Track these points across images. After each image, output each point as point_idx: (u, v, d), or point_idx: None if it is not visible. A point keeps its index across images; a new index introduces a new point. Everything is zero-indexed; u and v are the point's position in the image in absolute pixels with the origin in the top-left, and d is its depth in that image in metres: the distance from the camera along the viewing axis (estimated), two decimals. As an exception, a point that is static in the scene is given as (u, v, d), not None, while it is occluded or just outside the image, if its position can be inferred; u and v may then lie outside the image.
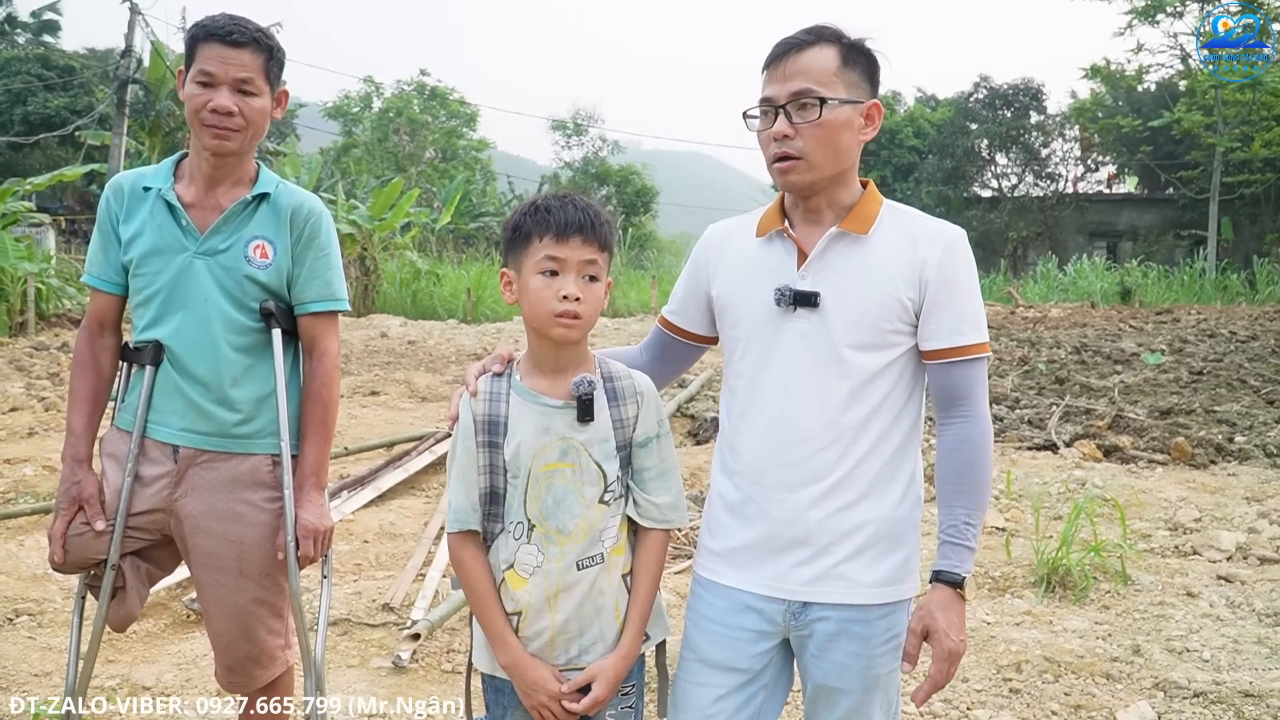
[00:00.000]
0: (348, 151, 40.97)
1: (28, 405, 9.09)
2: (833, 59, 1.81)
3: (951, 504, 1.83)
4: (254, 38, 2.24)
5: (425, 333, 17.74)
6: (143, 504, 2.31)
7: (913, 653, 1.81)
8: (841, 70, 1.81)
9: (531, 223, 1.82)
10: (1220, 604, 4.32)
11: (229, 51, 2.21)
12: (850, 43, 1.83)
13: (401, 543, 5.36)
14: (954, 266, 1.83)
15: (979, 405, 1.84)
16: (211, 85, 2.21)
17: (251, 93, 2.25)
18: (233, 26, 2.22)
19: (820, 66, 1.80)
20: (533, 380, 1.88)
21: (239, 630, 2.37)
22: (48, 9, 36.56)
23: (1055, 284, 26.18)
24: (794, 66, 1.81)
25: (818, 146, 1.80)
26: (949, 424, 1.86)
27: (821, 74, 1.80)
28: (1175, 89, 29.80)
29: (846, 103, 1.80)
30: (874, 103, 1.86)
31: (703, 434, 8.02)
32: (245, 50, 2.22)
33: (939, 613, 1.78)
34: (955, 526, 1.82)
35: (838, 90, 1.80)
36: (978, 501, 1.83)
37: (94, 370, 2.37)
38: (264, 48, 2.26)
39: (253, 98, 2.25)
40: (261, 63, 2.25)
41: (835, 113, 1.79)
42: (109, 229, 2.34)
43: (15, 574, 4.67)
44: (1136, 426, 7.93)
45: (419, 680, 3.67)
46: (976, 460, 1.83)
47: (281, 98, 2.35)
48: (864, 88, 1.84)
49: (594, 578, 1.85)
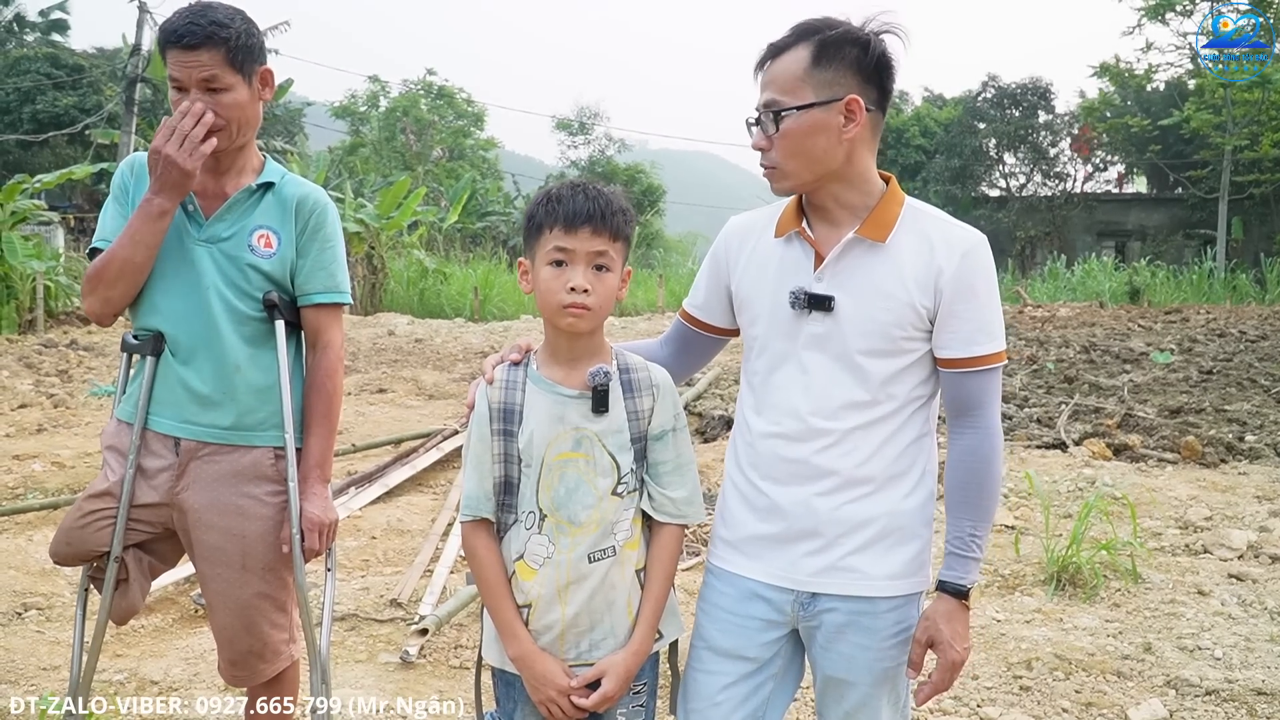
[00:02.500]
0: (355, 150, 41.02)
1: (36, 402, 9.13)
2: (802, 61, 1.75)
3: (958, 515, 1.84)
4: (207, 35, 2.15)
5: (432, 331, 17.75)
6: (145, 497, 2.29)
7: (917, 661, 1.84)
8: (811, 71, 1.74)
9: (543, 213, 1.82)
10: (1232, 602, 4.29)
11: (186, 55, 2.16)
12: (827, 38, 1.75)
13: (409, 539, 5.36)
14: (971, 275, 1.80)
15: (990, 417, 1.84)
16: (183, 89, 2.19)
17: (220, 89, 2.19)
18: (185, 29, 2.15)
19: (787, 74, 1.76)
20: (549, 370, 1.88)
21: (242, 624, 2.36)
22: (56, 8, 36.65)
23: (1063, 283, 26.08)
24: (768, 74, 1.79)
25: (787, 156, 1.78)
26: (959, 434, 1.86)
27: (787, 81, 1.76)
28: (1184, 88, 29.69)
29: (809, 107, 1.74)
30: (851, 98, 1.74)
31: (711, 432, 8.00)
32: (201, 50, 2.16)
33: (943, 623, 1.80)
34: (960, 538, 1.83)
35: (803, 95, 1.74)
36: (983, 513, 1.84)
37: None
38: (221, 40, 2.17)
39: (223, 93, 2.19)
40: (221, 57, 2.18)
41: (795, 122, 1.75)
42: (123, 196, 2.29)
43: (24, 569, 4.69)
44: (1146, 425, 7.89)
45: (426, 675, 3.66)
46: (984, 472, 1.83)
47: (265, 76, 2.29)
48: (844, 83, 1.75)
49: (605, 571, 1.83)
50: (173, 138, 2.14)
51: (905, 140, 34.08)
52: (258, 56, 2.27)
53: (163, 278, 2.27)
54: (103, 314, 2.27)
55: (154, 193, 2.18)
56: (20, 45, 35.91)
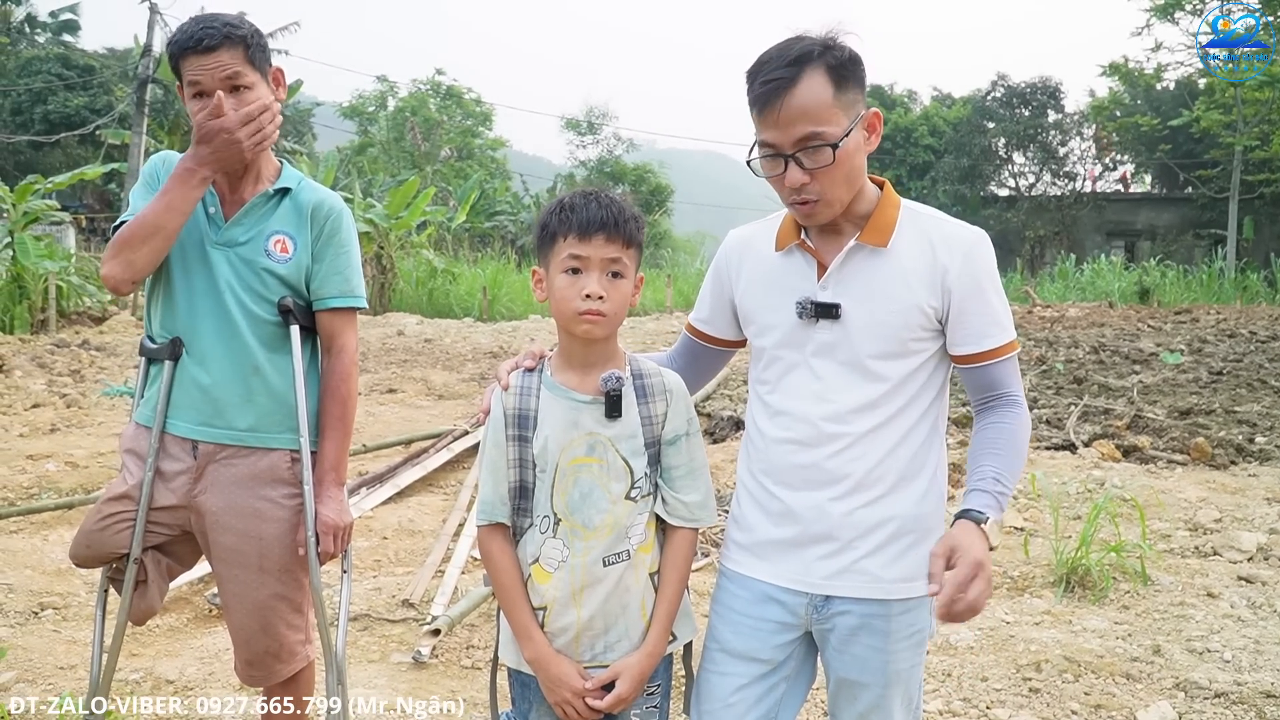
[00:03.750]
0: (363, 150, 41.13)
1: (50, 402, 9.18)
2: (826, 88, 1.72)
3: (980, 462, 1.80)
4: (225, 35, 2.20)
5: (441, 331, 17.80)
6: (164, 499, 2.33)
7: (936, 573, 1.65)
8: (837, 97, 1.73)
9: (556, 221, 1.84)
10: (1241, 604, 4.29)
11: (206, 58, 2.19)
12: (837, 60, 1.73)
13: (420, 539, 5.39)
14: (976, 272, 1.83)
15: (1015, 394, 1.88)
16: (205, 94, 2.21)
17: (243, 86, 2.23)
18: (201, 33, 2.19)
19: (817, 103, 1.71)
20: (563, 375, 1.90)
21: (259, 625, 2.39)
22: (67, 9, 36.83)
23: (1073, 283, 26.04)
24: (790, 109, 1.72)
25: (834, 185, 1.77)
26: (988, 410, 1.88)
27: (820, 111, 1.71)
28: (1194, 87, 29.60)
29: (850, 132, 1.74)
30: (873, 112, 1.79)
31: (720, 432, 8.01)
32: (220, 51, 2.19)
33: (961, 535, 1.67)
34: (982, 479, 1.76)
35: (840, 121, 1.73)
36: (1009, 464, 1.79)
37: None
38: (238, 39, 2.21)
39: (247, 91, 2.23)
40: (241, 55, 2.22)
41: (845, 150, 1.74)
42: (154, 183, 2.30)
43: (40, 569, 4.73)
44: (1155, 426, 7.88)
45: (438, 675, 3.69)
46: (1014, 433, 1.82)
47: (278, 76, 2.33)
48: (860, 98, 1.77)
49: (620, 574, 1.86)
50: (249, 124, 2.19)
51: (914, 140, 34.05)
52: (269, 56, 2.31)
53: (181, 281, 2.30)
54: (122, 279, 2.22)
55: (199, 163, 2.19)
56: (31, 46, 36.09)
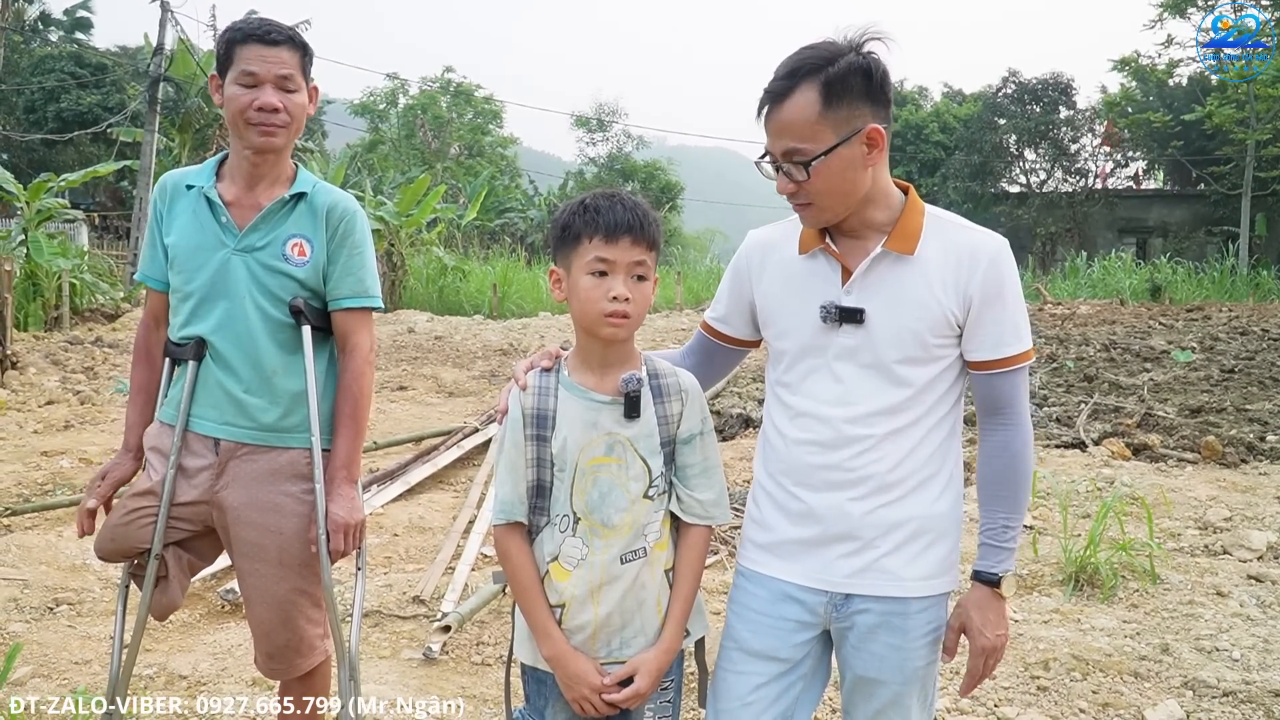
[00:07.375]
0: (374, 148, 41.24)
1: (63, 399, 9.24)
2: (813, 105, 1.73)
3: (991, 508, 1.91)
4: (289, 35, 2.33)
5: (452, 328, 17.84)
6: (186, 495, 2.37)
7: (950, 646, 1.91)
8: (825, 114, 1.73)
9: (581, 223, 1.84)
10: (1250, 603, 4.29)
11: (268, 50, 2.29)
12: (831, 75, 1.72)
13: (431, 536, 5.42)
14: (998, 281, 1.85)
15: (1020, 413, 1.90)
16: (255, 85, 2.29)
17: (292, 89, 2.33)
18: (269, 26, 2.32)
19: (800, 120, 1.74)
20: (581, 376, 1.92)
21: (279, 619, 2.43)
22: (80, 7, 36.98)
23: (1084, 280, 25.93)
24: (778, 122, 1.77)
25: (821, 194, 1.81)
26: (991, 431, 1.92)
27: (803, 128, 1.74)
28: (1207, 83, 29.43)
29: (835, 148, 1.74)
30: (873, 127, 1.76)
31: (729, 430, 8.03)
32: (283, 48, 2.31)
33: (974, 611, 1.88)
34: (993, 530, 1.90)
35: (824, 138, 1.74)
36: (1016, 506, 1.90)
37: (148, 363, 2.50)
38: (298, 45, 2.35)
39: (294, 94, 2.33)
40: (298, 60, 2.34)
41: (826, 165, 1.76)
42: (155, 228, 2.43)
43: (55, 564, 4.77)
44: (1166, 425, 7.87)
45: (449, 672, 3.72)
46: (1016, 466, 1.90)
47: (313, 93, 2.43)
48: (859, 113, 1.75)
49: (637, 572, 1.89)
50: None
51: (924, 136, 33.95)
52: (311, 72, 2.41)
53: (203, 287, 2.35)
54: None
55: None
56: (44, 44, 36.26)
